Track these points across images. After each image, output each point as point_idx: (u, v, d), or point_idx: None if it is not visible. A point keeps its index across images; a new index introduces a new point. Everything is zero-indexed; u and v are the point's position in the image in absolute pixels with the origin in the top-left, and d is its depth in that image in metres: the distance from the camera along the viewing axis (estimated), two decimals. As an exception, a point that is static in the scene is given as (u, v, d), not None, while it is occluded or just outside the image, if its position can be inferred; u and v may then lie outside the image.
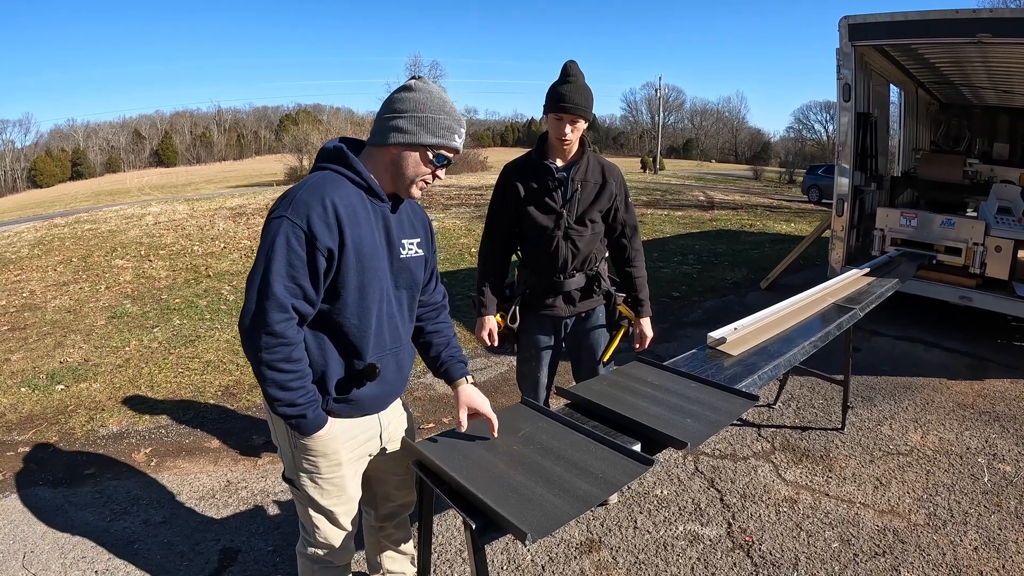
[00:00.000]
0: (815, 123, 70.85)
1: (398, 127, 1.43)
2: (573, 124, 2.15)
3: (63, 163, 69.32)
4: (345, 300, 1.43)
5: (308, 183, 1.41)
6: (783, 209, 15.72)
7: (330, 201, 1.36)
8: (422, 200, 15.68)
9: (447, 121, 1.46)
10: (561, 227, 2.24)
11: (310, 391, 1.42)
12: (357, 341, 1.48)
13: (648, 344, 2.46)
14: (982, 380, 4.13)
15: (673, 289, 6.59)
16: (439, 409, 3.72)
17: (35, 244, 10.07)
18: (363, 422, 1.59)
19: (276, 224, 1.35)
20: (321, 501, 1.56)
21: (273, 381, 1.36)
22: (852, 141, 5.27)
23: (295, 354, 1.37)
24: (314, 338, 1.45)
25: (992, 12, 4.59)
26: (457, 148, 1.49)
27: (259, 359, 1.35)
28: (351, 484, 1.60)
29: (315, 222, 1.34)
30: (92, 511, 2.68)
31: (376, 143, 1.48)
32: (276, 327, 1.33)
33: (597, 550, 2.42)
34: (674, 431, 1.55)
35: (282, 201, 1.39)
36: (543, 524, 1.17)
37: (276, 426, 1.55)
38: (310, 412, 1.42)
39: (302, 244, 1.34)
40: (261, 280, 1.34)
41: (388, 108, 1.46)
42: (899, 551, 2.39)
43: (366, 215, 1.44)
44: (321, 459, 1.51)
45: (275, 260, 1.33)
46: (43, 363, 4.47)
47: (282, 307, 1.33)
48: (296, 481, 1.55)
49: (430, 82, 1.49)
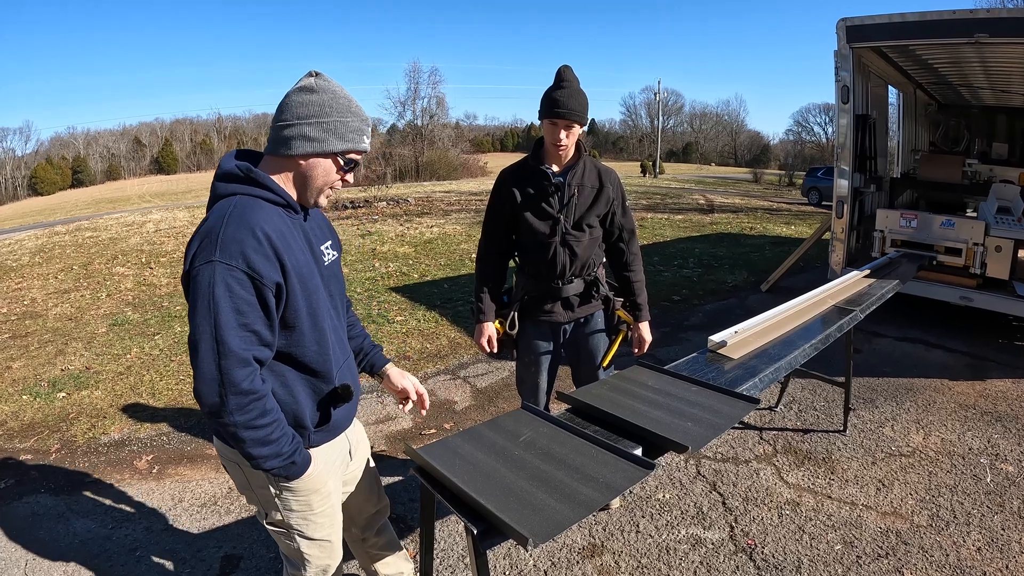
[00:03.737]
0: (814, 125, 70.97)
1: (304, 135, 1.31)
2: (568, 129, 2.15)
3: (64, 171, 69.42)
4: (301, 329, 1.35)
5: (228, 216, 1.25)
6: (783, 212, 15.72)
7: (261, 231, 1.24)
8: (428, 203, 15.71)
9: (355, 123, 1.36)
10: (558, 233, 2.24)
11: (290, 435, 1.34)
12: (321, 366, 1.41)
13: (647, 348, 2.46)
14: (984, 380, 4.12)
15: (674, 293, 6.59)
16: (440, 415, 3.72)
17: (36, 252, 10.09)
18: (336, 444, 1.55)
19: (207, 272, 1.19)
20: (314, 535, 1.52)
21: (253, 440, 1.26)
22: (851, 143, 5.28)
23: (268, 405, 1.28)
24: (275, 377, 1.36)
25: (989, 12, 4.60)
26: (366, 149, 1.40)
27: (233, 423, 1.23)
28: (338, 508, 1.58)
29: (253, 259, 1.21)
30: (94, 518, 2.68)
31: (279, 153, 1.34)
32: (244, 385, 1.21)
33: (599, 554, 2.41)
34: (675, 435, 1.55)
35: (202, 244, 1.23)
36: (545, 529, 1.17)
37: (250, 476, 1.43)
38: (297, 457, 1.35)
39: (245, 287, 1.21)
40: (212, 339, 1.19)
41: (288, 113, 1.32)
42: (902, 553, 2.38)
43: (292, 234, 1.34)
44: (313, 496, 1.46)
45: (221, 312, 1.19)
46: (44, 371, 4.47)
47: (244, 361, 1.22)
48: (284, 522, 1.48)
49: (330, 79, 1.37)
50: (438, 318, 5.58)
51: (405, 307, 6.00)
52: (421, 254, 8.85)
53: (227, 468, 1.49)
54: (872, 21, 4.87)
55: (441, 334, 5.15)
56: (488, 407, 3.82)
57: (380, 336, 5.13)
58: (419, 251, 9.07)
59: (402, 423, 3.57)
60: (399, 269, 7.79)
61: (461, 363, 4.52)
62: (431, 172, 37.64)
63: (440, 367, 4.47)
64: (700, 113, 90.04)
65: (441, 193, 19.96)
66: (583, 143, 2.29)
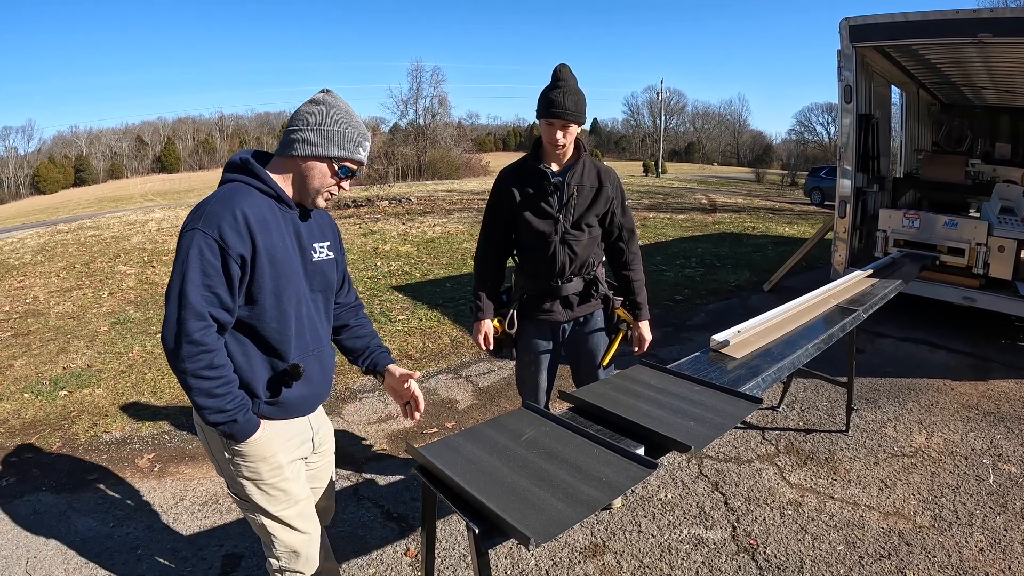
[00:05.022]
0: (817, 125, 70.70)
1: (305, 139, 1.48)
2: (565, 129, 2.14)
3: (66, 169, 69.54)
4: (263, 304, 1.47)
5: (217, 196, 1.45)
6: (785, 211, 15.71)
7: (240, 211, 1.40)
8: (431, 202, 15.73)
9: (352, 135, 1.51)
10: (558, 232, 2.24)
11: (237, 396, 1.44)
12: (278, 344, 1.51)
13: (647, 347, 2.45)
14: (986, 381, 4.11)
15: (676, 292, 6.59)
16: (442, 414, 3.72)
17: (38, 250, 10.11)
18: (295, 424, 1.62)
19: (189, 237, 1.38)
20: (271, 509, 1.57)
21: (199, 389, 1.38)
22: (854, 143, 5.27)
23: (217, 360, 1.39)
24: (237, 344, 1.48)
25: (993, 12, 4.59)
26: (362, 161, 1.55)
27: (182, 369, 1.36)
28: (295, 486, 1.61)
29: (226, 231, 1.37)
30: (95, 517, 2.68)
31: (284, 154, 1.52)
32: (195, 335, 1.35)
33: (601, 554, 2.41)
34: (678, 434, 1.54)
35: (193, 215, 1.42)
36: (547, 528, 1.17)
37: (210, 439, 1.54)
38: (240, 416, 1.43)
39: (215, 253, 1.37)
40: (178, 292, 1.36)
41: (296, 120, 1.51)
42: (904, 553, 2.38)
43: (276, 223, 1.48)
44: (261, 463, 1.53)
45: (189, 271, 1.36)
46: (46, 369, 4.48)
47: (199, 315, 1.36)
48: (242, 492, 1.55)
49: (338, 96, 1.54)
50: (440, 317, 5.58)
51: (407, 306, 6.00)
52: (423, 253, 8.86)
53: (198, 433, 1.61)
54: (875, 21, 4.86)
55: (443, 333, 5.15)
56: (490, 406, 3.82)
57: (382, 335, 5.09)
58: (421, 250, 9.07)
59: (403, 422, 3.57)
60: (401, 268, 7.79)
61: (463, 362, 4.51)
62: (433, 171, 37.67)
63: (442, 366, 4.47)
64: (703, 113, 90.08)
65: (443, 192, 19.98)
66: (583, 142, 2.28)
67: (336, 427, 3.47)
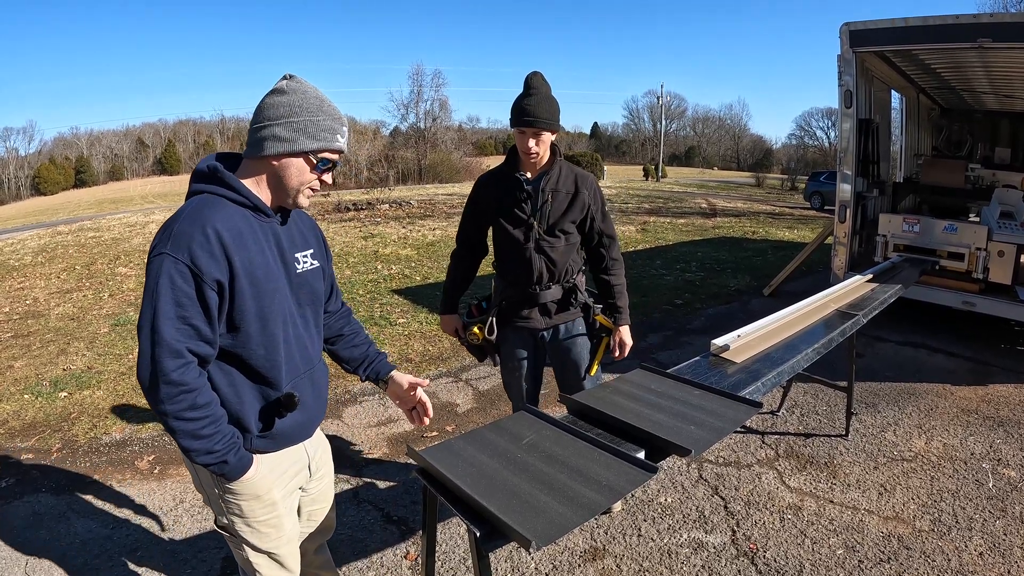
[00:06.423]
0: (817, 130, 70.67)
1: (275, 135, 1.32)
2: (537, 137, 2.15)
3: (67, 171, 69.59)
4: (247, 331, 1.33)
5: (185, 212, 1.28)
6: (785, 216, 15.72)
7: (212, 228, 1.24)
8: (431, 206, 15.74)
9: (327, 122, 1.35)
10: (532, 238, 2.24)
11: (227, 434, 1.31)
12: (268, 372, 1.38)
13: (628, 352, 2.45)
14: (986, 385, 4.11)
15: (676, 296, 6.59)
16: (443, 418, 3.72)
17: (39, 252, 10.12)
18: (291, 453, 1.50)
19: (157, 263, 1.23)
20: (261, 545, 1.46)
21: (184, 432, 1.25)
22: (854, 147, 5.28)
23: (200, 399, 1.26)
24: (223, 375, 1.35)
25: (993, 17, 4.57)
26: (341, 149, 1.39)
27: (163, 411, 1.23)
28: (288, 522, 1.51)
29: (198, 254, 1.22)
30: (95, 518, 2.68)
31: (253, 155, 1.35)
32: (173, 375, 1.21)
33: (601, 558, 2.41)
34: (678, 438, 1.54)
35: (161, 235, 1.26)
36: (547, 531, 1.17)
37: (198, 472, 1.42)
38: (231, 457, 1.31)
39: (188, 281, 1.22)
40: (150, 327, 1.22)
41: (261, 116, 1.34)
42: (904, 557, 2.38)
43: (254, 236, 1.33)
44: (254, 501, 1.41)
45: (160, 302, 1.21)
46: (46, 370, 4.48)
47: (175, 352, 1.22)
48: (231, 527, 1.44)
49: (303, 80, 1.37)
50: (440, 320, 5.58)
51: (407, 309, 6.00)
52: (423, 256, 8.86)
53: (186, 463, 1.48)
54: (875, 26, 4.87)
55: (443, 337, 5.15)
56: (490, 409, 3.82)
57: (382, 338, 5.13)
58: (421, 253, 9.08)
59: (404, 425, 3.57)
60: (401, 271, 7.79)
61: (463, 366, 4.52)
62: (434, 175, 37.73)
63: (442, 369, 4.47)
64: (703, 117, 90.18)
65: (444, 196, 20.00)
66: (558, 148, 2.29)
67: (336, 430, 3.48)
